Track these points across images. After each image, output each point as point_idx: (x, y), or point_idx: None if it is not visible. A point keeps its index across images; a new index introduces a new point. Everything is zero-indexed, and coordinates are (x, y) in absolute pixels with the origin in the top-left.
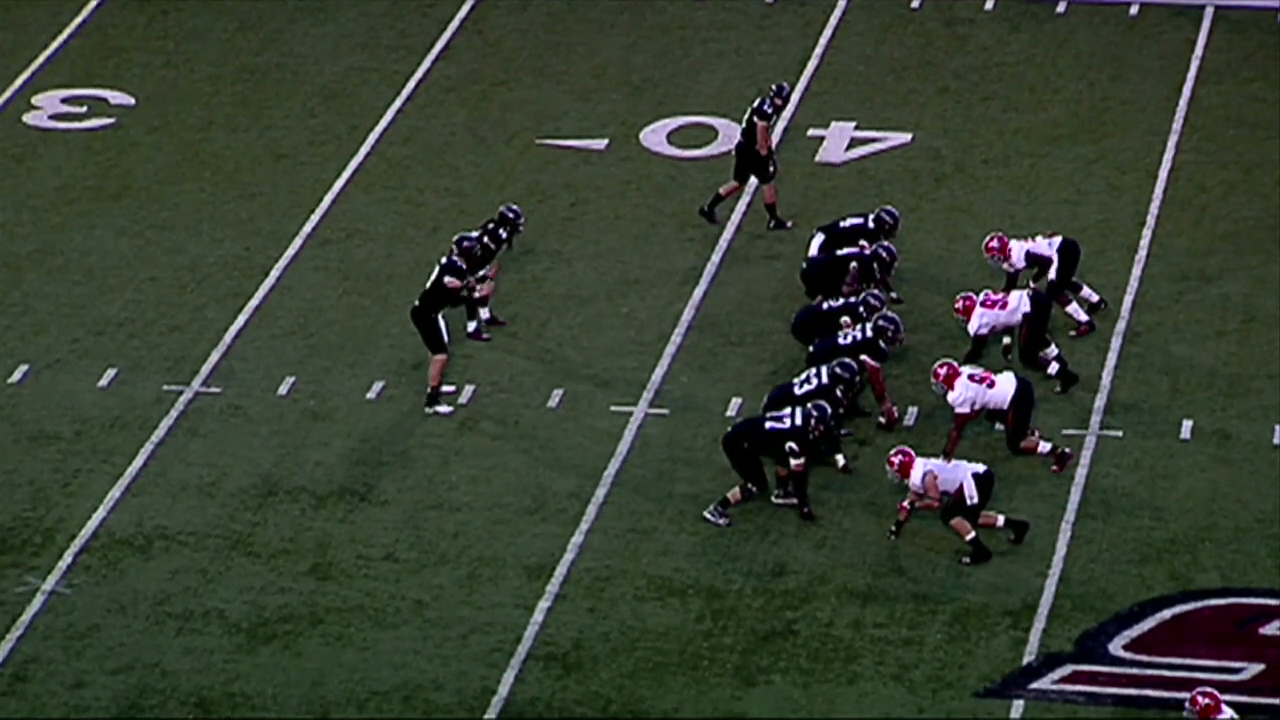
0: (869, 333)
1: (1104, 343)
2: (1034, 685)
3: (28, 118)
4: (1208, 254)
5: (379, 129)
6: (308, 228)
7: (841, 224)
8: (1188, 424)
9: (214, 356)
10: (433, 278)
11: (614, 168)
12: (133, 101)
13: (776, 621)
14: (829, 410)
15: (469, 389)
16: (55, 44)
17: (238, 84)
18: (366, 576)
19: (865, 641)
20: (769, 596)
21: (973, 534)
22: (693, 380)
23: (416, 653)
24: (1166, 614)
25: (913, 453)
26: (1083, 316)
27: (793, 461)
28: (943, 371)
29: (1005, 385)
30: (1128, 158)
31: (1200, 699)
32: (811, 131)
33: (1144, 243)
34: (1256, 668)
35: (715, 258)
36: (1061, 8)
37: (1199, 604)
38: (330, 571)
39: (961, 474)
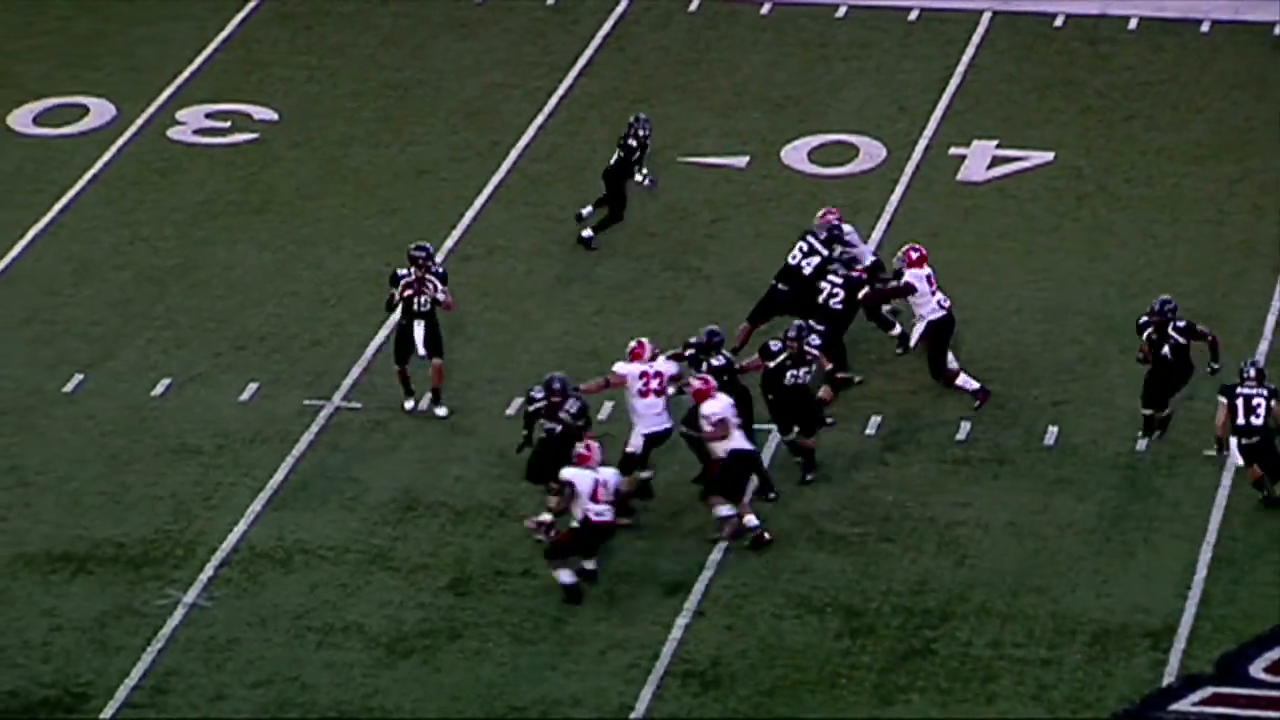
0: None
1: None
2: (1173, 707)
3: (172, 132)
4: None
5: (520, 145)
6: (449, 244)
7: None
8: None
9: (355, 371)
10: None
11: (755, 185)
12: (276, 116)
13: (915, 640)
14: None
15: (607, 405)
16: (199, 59)
17: (380, 99)
18: (505, 592)
19: (1004, 661)
20: (907, 615)
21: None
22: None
23: (554, 669)
24: None
25: (712, 381)
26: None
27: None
28: (914, 255)
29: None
30: (1271, 178)
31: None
32: (953, 150)
33: None
34: None
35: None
36: (1205, 27)
37: None
38: (469, 586)
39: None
